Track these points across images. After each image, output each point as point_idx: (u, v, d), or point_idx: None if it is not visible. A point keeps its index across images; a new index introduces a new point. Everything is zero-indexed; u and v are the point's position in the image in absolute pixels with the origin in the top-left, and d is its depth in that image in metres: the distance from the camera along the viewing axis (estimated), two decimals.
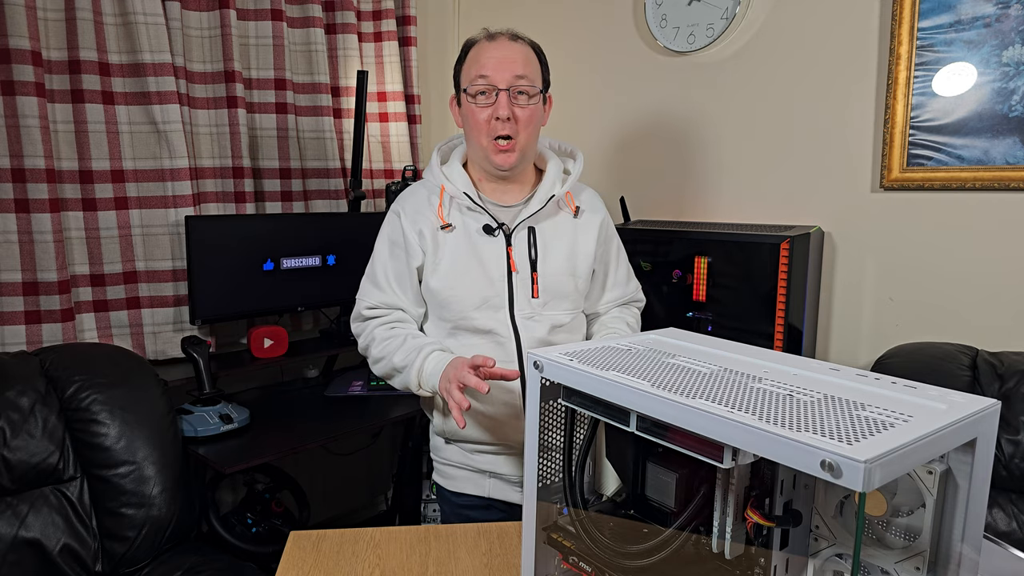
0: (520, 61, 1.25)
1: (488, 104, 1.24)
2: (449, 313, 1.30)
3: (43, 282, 1.73)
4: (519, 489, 1.36)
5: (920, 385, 0.63)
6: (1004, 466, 1.44)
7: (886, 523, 0.62)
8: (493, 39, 1.26)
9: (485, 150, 1.27)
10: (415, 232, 1.30)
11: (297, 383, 2.27)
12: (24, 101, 1.66)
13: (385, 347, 1.30)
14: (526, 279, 1.29)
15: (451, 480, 1.39)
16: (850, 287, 1.87)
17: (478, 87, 1.24)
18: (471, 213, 1.30)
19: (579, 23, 2.37)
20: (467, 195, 1.29)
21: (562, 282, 1.31)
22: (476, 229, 1.29)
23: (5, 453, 1.45)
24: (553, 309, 1.31)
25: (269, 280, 2.06)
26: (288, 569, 1.02)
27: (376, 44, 2.50)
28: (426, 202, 1.32)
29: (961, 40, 1.63)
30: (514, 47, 1.26)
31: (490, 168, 1.30)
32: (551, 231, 1.32)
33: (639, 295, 1.50)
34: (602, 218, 1.39)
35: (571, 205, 1.36)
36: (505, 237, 1.29)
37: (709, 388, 0.63)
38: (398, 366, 1.27)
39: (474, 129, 1.27)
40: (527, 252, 1.29)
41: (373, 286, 1.36)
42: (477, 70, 1.24)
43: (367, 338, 1.35)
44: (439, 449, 1.41)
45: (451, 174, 1.33)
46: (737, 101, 2.03)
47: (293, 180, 2.27)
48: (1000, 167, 1.61)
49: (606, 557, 0.74)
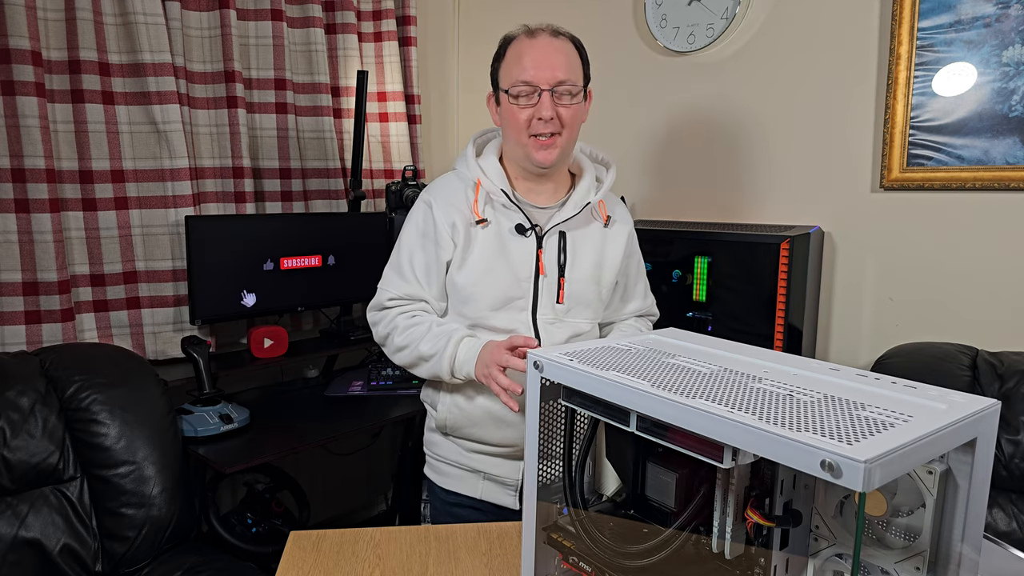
0: (563, 61, 1.22)
1: (530, 105, 1.21)
2: (470, 310, 1.27)
3: (43, 282, 1.73)
4: (512, 493, 1.34)
5: (920, 385, 0.63)
6: (1004, 466, 1.44)
7: (886, 523, 0.62)
8: (533, 36, 1.23)
9: (526, 147, 1.24)
10: (448, 224, 1.26)
11: (297, 383, 2.27)
12: (24, 101, 1.66)
13: (410, 335, 1.26)
14: (553, 283, 1.28)
15: (443, 477, 1.38)
16: (850, 287, 1.87)
17: (520, 89, 1.21)
18: (505, 211, 1.28)
19: (579, 23, 2.37)
20: (503, 192, 1.27)
21: (587, 290, 1.30)
22: (508, 227, 1.27)
23: (5, 453, 1.45)
24: (575, 316, 1.30)
25: (269, 280, 2.06)
26: (288, 569, 1.02)
27: (376, 44, 2.50)
28: (462, 194, 1.29)
29: (961, 40, 1.63)
30: (555, 44, 1.23)
31: (529, 166, 1.27)
32: (581, 238, 1.31)
33: (654, 310, 1.50)
34: (630, 230, 1.39)
35: (603, 214, 1.34)
36: (537, 239, 1.27)
37: (709, 388, 0.63)
38: (426, 354, 1.24)
39: (514, 128, 1.25)
40: (556, 256, 1.28)
41: (398, 276, 1.32)
42: (519, 72, 1.21)
43: (388, 326, 1.30)
44: (435, 444, 1.39)
45: (487, 168, 1.30)
46: (737, 101, 2.03)
47: (293, 180, 2.27)
48: (1000, 167, 1.61)
49: (606, 557, 0.74)
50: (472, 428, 1.30)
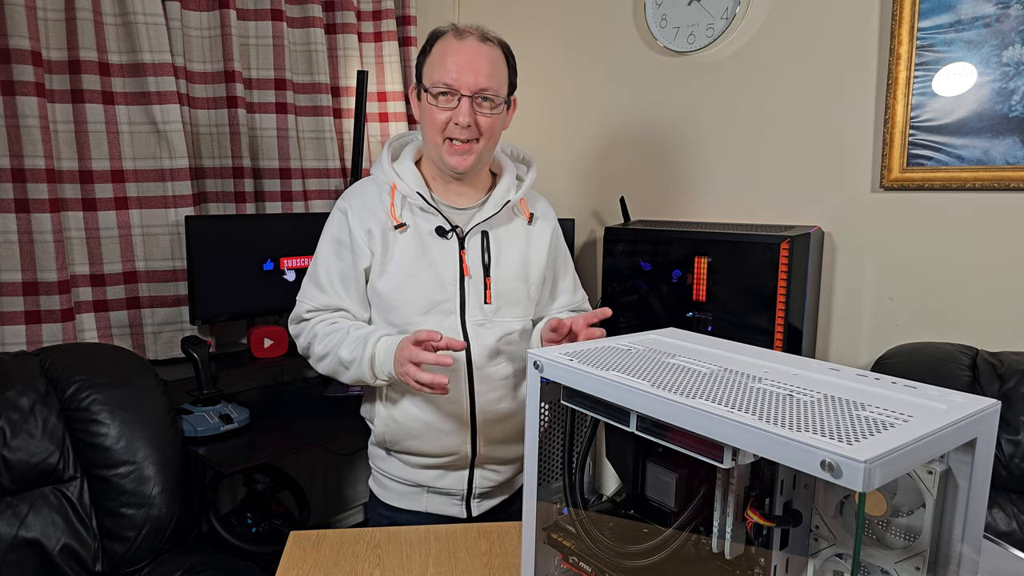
0: (486, 68, 1.19)
1: (448, 108, 1.19)
2: (396, 317, 1.24)
3: (43, 282, 1.73)
4: (459, 503, 1.32)
5: (920, 385, 0.63)
6: (1004, 466, 1.44)
7: (886, 523, 0.62)
8: (461, 37, 1.20)
9: (440, 149, 1.23)
10: (363, 231, 1.24)
11: (297, 383, 2.27)
12: (24, 101, 1.66)
13: (328, 342, 1.23)
14: (479, 284, 1.25)
15: (387, 492, 1.35)
16: (850, 287, 1.87)
17: (440, 89, 1.19)
18: (423, 214, 1.26)
19: (579, 23, 2.37)
20: (420, 195, 1.24)
21: (515, 288, 1.29)
22: (428, 230, 1.25)
23: (5, 453, 1.45)
24: (505, 315, 1.28)
25: (269, 280, 2.06)
26: (288, 569, 1.02)
27: (376, 44, 2.50)
28: (377, 199, 1.26)
29: (961, 40, 1.63)
30: (482, 50, 1.20)
31: (443, 167, 1.25)
32: (505, 236, 1.30)
33: (586, 304, 1.49)
34: (553, 226, 1.38)
35: (525, 212, 1.34)
36: (459, 240, 1.25)
37: (709, 388, 0.63)
38: (346, 360, 1.21)
39: (430, 127, 1.23)
40: (480, 256, 1.26)
41: (315, 288, 1.29)
42: (441, 73, 1.19)
43: (308, 336, 1.28)
44: (379, 458, 1.36)
45: (403, 172, 1.27)
46: (737, 101, 2.03)
47: (293, 180, 2.27)
48: (1000, 167, 1.61)
49: (606, 557, 0.74)
50: (411, 441, 1.27)
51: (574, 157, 2.42)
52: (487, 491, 1.34)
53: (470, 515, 1.34)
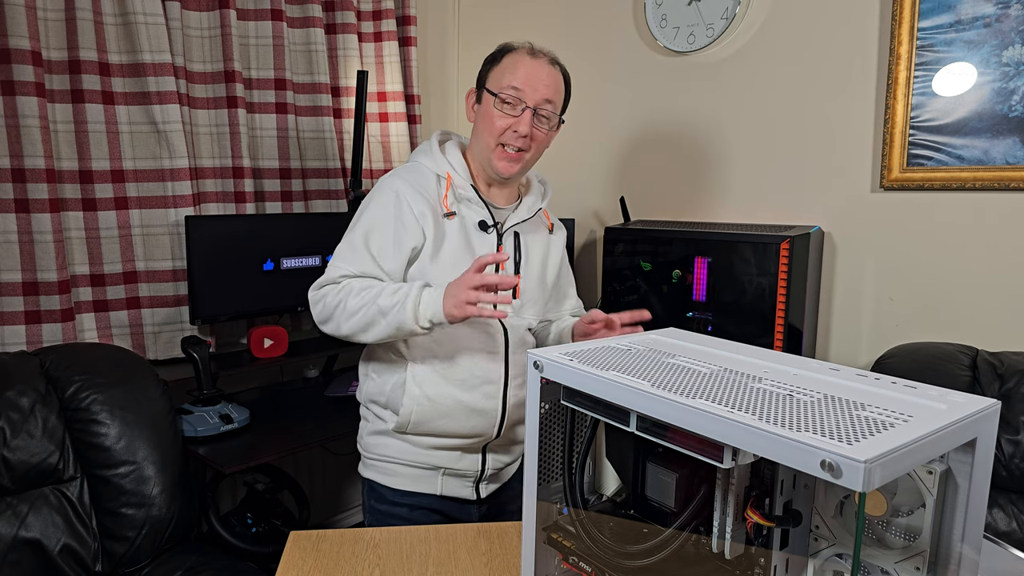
0: (553, 87, 1.28)
1: (511, 115, 1.26)
2: None
3: (43, 282, 1.73)
4: (470, 484, 1.37)
5: (920, 385, 0.63)
6: (1004, 466, 1.44)
7: (886, 523, 0.62)
8: (535, 56, 1.28)
9: (492, 153, 1.29)
10: (417, 211, 1.25)
11: (297, 383, 2.27)
12: (24, 101, 1.66)
13: (366, 295, 1.19)
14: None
15: (396, 478, 1.33)
16: (850, 287, 1.87)
17: (508, 95, 1.26)
18: (471, 205, 1.32)
19: (579, 23, 2.37)
20: (473, 188, 1.31)
21: (535, 288, 1.38)
22: (473, 222, 1.31)
23: (5, 453, 1.45)
24: (526, 313, 1.37)
25: (269, 280, 2.06)
26: (288, 569, 1.02)
27: (376, 44, 2.50)
28: (430, 184, 1.29)
29: (961, 40, 1.63)
30: (551, 70, 1.29)
31: (490, 170, 1.32)
32: (532, 241, 1.39)
33: (582, 309, 1.57)
34: (565, 237, 1.51)
35: (548, 221, 1.46)
36: (497, 236, 1.33)
37: (709, 388, 0.63)
38: (385, 307, 1.16)
39: (487, 131, 1.28)
40: (513, 254, 1.35)
41: (353, 252, 1.25)
42: (511, 79, 1.26)
43: (342, 292, 1.21)
44: (381, 446, 1.34)
45: (456, 164, 1.32)
46: (737, 101, 2.03)
47: (293, 180, 2.27)
48: (1000, 167, 1.61)
49: (606, 557, 0.74)
50: (441, 420, 1.28)
51: (574, 157, 2.42)
52: (494, 473, 1.40)
53: (479, 496, 1.39)
